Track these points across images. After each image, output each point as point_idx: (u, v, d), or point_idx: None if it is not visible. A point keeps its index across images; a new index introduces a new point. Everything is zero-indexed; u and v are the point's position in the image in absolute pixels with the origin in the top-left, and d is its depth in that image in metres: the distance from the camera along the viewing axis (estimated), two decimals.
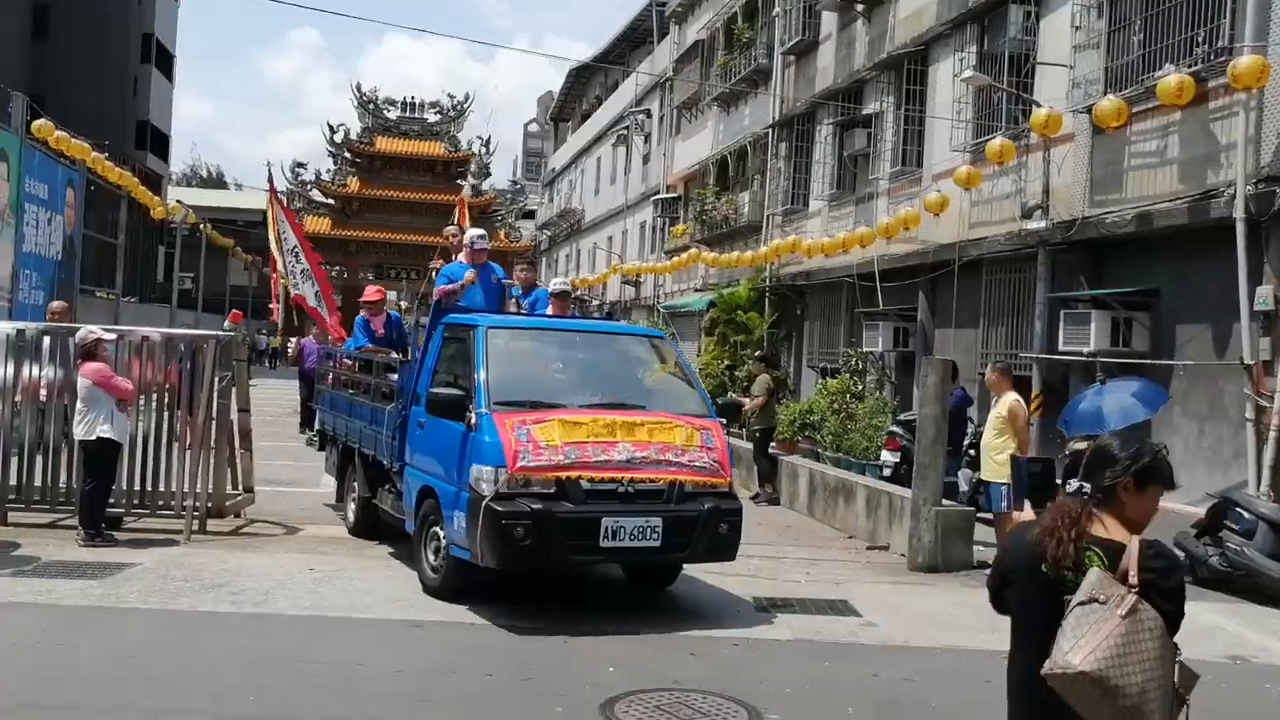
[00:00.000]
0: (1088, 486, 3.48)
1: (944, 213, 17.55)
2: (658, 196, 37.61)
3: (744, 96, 29.09)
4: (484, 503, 8.11)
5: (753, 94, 28.36)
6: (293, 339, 29.48)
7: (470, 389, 8.78)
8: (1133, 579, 3.25)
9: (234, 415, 11.88)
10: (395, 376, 10.85)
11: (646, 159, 41.28)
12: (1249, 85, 11.66)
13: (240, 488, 12.28)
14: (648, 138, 41.20)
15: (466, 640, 7.98)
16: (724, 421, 9.78)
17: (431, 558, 9.16)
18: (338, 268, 52.99)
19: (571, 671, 7.26)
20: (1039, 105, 15.14)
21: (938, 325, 19.33)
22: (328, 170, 53.03)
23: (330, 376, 13.82)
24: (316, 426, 14.30)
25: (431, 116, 53.86)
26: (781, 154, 26.30)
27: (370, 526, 11.41)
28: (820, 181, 24.13)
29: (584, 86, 56.22)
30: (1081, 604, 3.22)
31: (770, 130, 26.83)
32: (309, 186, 52.54)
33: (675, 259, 31.84)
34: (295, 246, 19.01)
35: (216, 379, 11.39)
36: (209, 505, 11.47)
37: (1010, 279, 17.11)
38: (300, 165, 53.09)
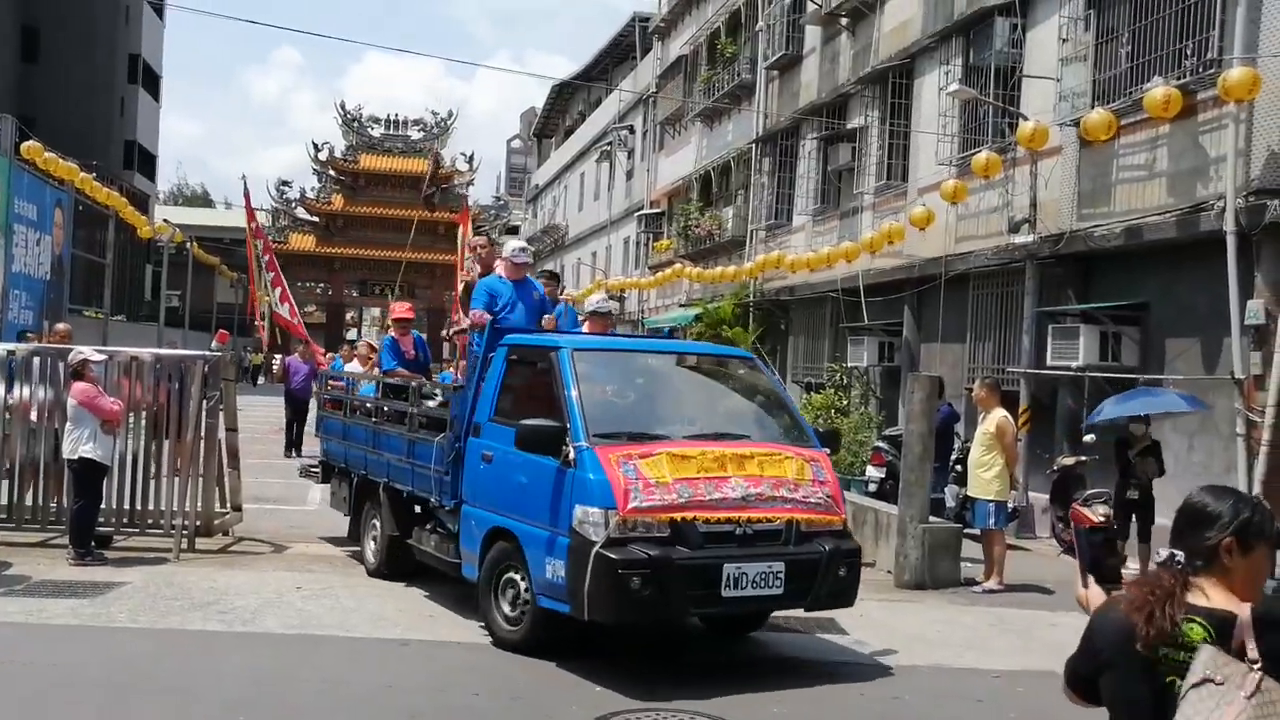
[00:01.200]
0: (1180, 553, 3.00)
1: (929, 227, 17.47)
2: (641, 212, 37.53)
3: (727, 112, 29.03)
4: (594, 550, 7.10)
5: (736, 109, 28.29)
6: (277, 356, 29.30)
7: (560, 419, 7.71)
8: (1252, 653, 2.77)
9: (222, 434, 11.75)
10: (433, 404, 9.90)
11: (630, 174, 41.21)
12: (1240, 98, 11.59)
13: (228, 506, 12.14)
14: (631, 153, 41.13)
15: (455, 658, 7.88)
16: (829, 451, 8.83)
17: (506, 608, 8.04)
18: (322, 285, 52.92)
19: (559, 690, 7.18)
20: (1025, 118, 15.06)
21: (923, 340, 19.23)
22: (312, 188, 52.96)
23: (340, 403, 12.24)
24: (319, 456, 12.68)
25: (415, 134, 53.85)
26: (765, 169, 26.23)
27: (397, 568, 10.18)
28: (804, 196, 24.05)
29: (567, 102, 56.19)
30: (1196, 686, 2.76)
31: (754, 145, 26.77)
32: (294, 204, 52.45)
33: (659, 274, 31.75)
34: (268, 263, 19.02)
35: (205, 398, 11.28)
36: (198, 524, 11.34)
37: (997, 293, 17.01)
38: (285, 183, 53.07)
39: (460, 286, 11.59)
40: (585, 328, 10.51)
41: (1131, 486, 12.07)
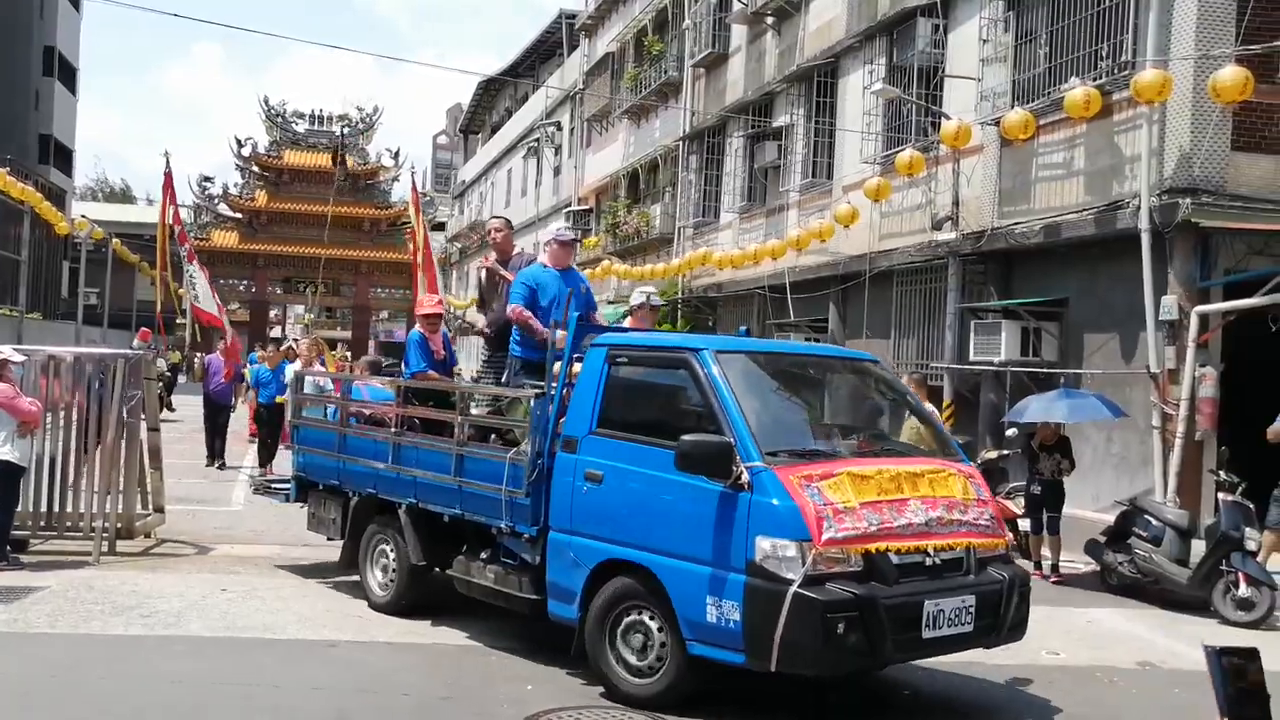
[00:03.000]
0: None
1: (854, 224, 17.66)
2: (569, 209, 37.46)
3: (654, 109, 29.11)
4: (789, 590, 6.11)
5: (663, 107, 28.38)
6: (198, 355, 28.65)
7: (717, 434, 6.64)
8: None
9: (144, 434, 11.53)
10: (481, 412, 8.87)
11: (557, 171, 41.15)
12: (1152, 99, 11.87)
13: (150, 508, 11.91)
14: (558, 150, 41.07)
15: (385, 658, 7.80)
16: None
17: (631, 657, 6.92)
18: (245, 282, 52.15)
19: (490, 689, 7.13)
20: (948, 118, 15.30)
21: (849, 336, 19.43)
22: (235, 184, 52.17)
23: (327, 409, 10.72)
24: (290, 471, 10.91)
25: (340, 129, 53.20)
26: (692, 166, 26.35)
27: (418, 602, 8.97)
28: (731, 194, 24.19)
29: (493, 98, 55.93)
30: None
31: (681, 143, 26.87)
32: (216, 201, 51.62)
33: (587, 271, 31.68)
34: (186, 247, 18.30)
35: (126, 398, 11.06)
36: (118, 526, 11.09)
37: (921, 289, 17.25)
38: (207, 179, 52.15)
39: (483, 274, 10.30)
40: (628, 323, 9.56)
41: (1035, 481, 12.29)
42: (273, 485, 11.87)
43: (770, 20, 22.42)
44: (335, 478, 9.90)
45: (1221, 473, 10.88)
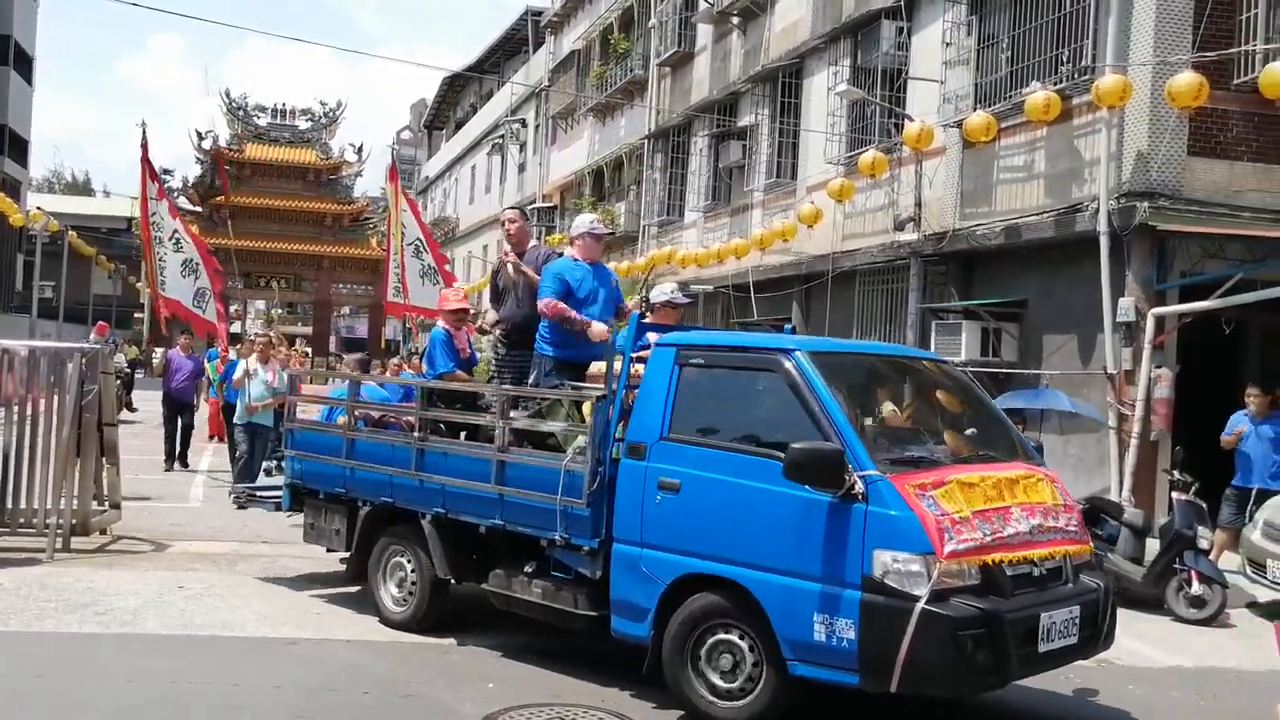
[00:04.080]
0: None
1: (818, 225, 17.77)
2: (533, 206, 37.44)
3: (620, 107, 29.15)
4: (916, 606, 5.82)
5: (629, 105, 28.42)
6: (158, 350, 28.18)
7: (825, 440, 6.26)
8: None
9: (100, 429, 11.42)
10: (523, 416, 8.09)
11: (522, 168, 41.11)
12: (1112, 104, 12.04)
13: (106, 504, 11.80)
14: (523, 147, 41.02)
15: (345, 656, 7.77)
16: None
17: (716, 679, 6.52)
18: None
19: (452, 688, 7.11)
20: (911, 119, 15.43)
21: (812, 334, 19.54)
22: (196, 177, 51.73)
23: (329, 413, 9.95)
24: (283, 479, 10.04)
25: (303, 123, 52.78)
26: (657, 165, 26.41)
27: (439, 618, 8.45)
28: (695, 193, 24.27)
29: (458, 94, 55.75)
30: None
31: (646, 141, 26.93)
32: (176, 194, 51.14)
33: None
34: (176, 232, 16.33)
35: (82, 392, 10.95)
36: (73, 522, 10.98)
37: (883, 290, 17.39)
38: (167, 172, 51.46)
39: (507, 268, 9.33)
40: (650, 321, 9.01)
41: None
42: (258, 494, 10.98)
43: (736, 20, 22.51)
44: (341, 486, 9.10)
45: (1176, 472, 11.01)
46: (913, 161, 16.02)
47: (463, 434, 8.55)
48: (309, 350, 31.58)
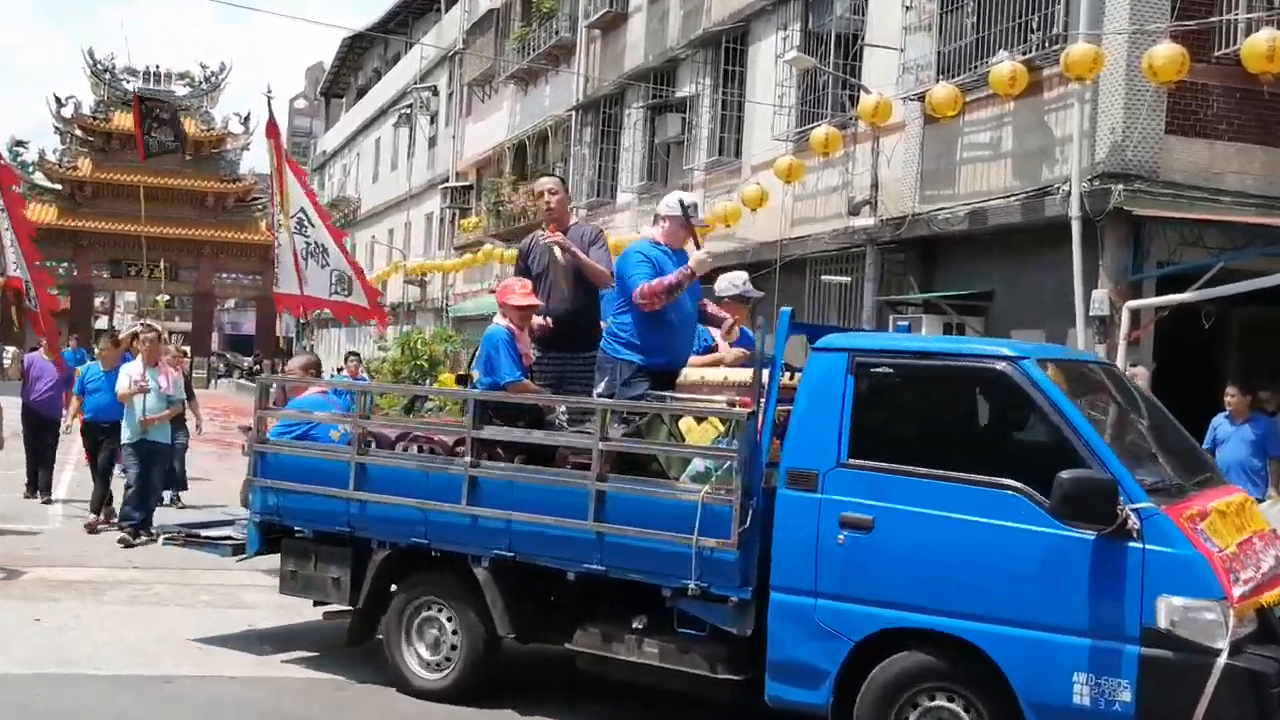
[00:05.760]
0: None
1: (764, 208, 17.99)
2: (446, 185, 37.45)
3: (544, 74, 29.27)
4: (1219, 660, 5.53)
5: (554, 71, 28.55)
6: (9, 349, 27.62)
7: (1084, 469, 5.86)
8: None
9: None
10: (620, 433, 7.44)
11: (433, 142, 41.06)
12: (1082, 75, 12.33)
13: None
14: (434, 118, 40.98)
15: (227, 694, 7.82)
16: None
17: None
18: (65, 264, 51.03)
19: None
20: (867, 91, 15.69)
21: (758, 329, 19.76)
22: (54, 150, 51.15)
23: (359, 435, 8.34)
24: (258, 514, 8.79)
25: (180, 89, 52.39)
26: (586, 140, 26.57)
27: (485, 686, 7.76)
28: (629, 171, 24.47)
29: (360, 58, 55.53)
30: None
31: (573, 113, 27.08)
32: (31, 169, 50.50)
33: (466, 256, 31.78)
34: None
35: None
36: None
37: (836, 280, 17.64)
38: (20, 144, 51.15)
39: (554, 249, 8.58)
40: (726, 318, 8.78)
41: None
42: (201, 535, 9.82)
43: None
44: (343, 523, 8.22)
45: None
46: (869, 138, 16.29)
47: (516, 459, 7.82)
48: (187, 349, 31.34)
